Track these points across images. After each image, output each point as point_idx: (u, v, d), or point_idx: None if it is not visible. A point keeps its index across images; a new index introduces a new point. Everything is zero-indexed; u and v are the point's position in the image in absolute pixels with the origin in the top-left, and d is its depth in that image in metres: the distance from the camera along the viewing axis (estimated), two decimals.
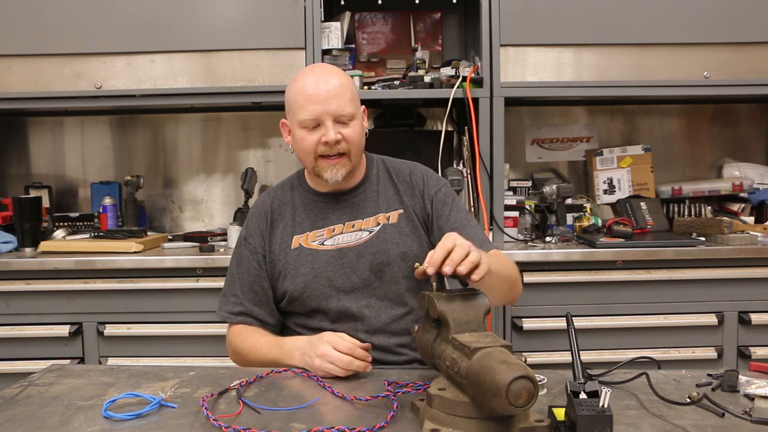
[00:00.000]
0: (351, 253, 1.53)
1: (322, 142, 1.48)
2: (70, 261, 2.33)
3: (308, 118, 1.48)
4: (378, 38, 2.88)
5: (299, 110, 1.49)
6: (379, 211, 1.57)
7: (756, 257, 2.32)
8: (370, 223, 1.56)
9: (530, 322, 2.30)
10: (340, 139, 1.48)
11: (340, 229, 1.56)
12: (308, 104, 1.47)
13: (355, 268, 1.53)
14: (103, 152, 3.01)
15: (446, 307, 1.10)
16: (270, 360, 1.46)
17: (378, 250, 1.53)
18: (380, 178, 1.62)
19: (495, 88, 2.49)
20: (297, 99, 1.49)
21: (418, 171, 1.64)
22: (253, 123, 2.98)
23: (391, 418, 1.07)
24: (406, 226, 1.57)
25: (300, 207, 1.59)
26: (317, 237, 1.56)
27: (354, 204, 1.58)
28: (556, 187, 2.59)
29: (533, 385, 0.91)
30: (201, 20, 2.50)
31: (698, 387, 1.22)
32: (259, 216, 1.61)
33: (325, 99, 1.47)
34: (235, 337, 1.57)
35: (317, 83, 1.48)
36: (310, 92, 1.47)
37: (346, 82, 1.51)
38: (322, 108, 1.47)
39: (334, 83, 1.48)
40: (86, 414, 1.13)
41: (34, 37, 2.50)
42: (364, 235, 1.55)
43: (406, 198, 1.59)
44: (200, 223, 3.02)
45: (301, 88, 1.49)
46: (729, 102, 2.96)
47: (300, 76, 1.53)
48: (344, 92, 1.49)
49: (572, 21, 2.49)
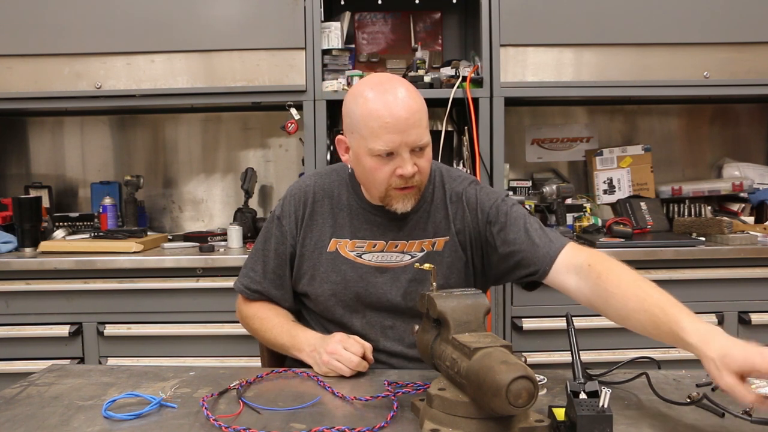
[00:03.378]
0: (388, 273, 1.45)
1: (398, 174, 1.35)
2: (70, 261, 2.33)
3: (383, 149, 1.32)
4: (378, 38, 2.88)
5: (372, 138, 1.32)
6: (427, 236, 1.46)
7: (756, 257, 2.32)
8: (414, 246, 1.46)
9: (530, 322, 2.30)
10: (416, 171, 1.35)
11: (381, 246, 1.46)
12: (384, 133, 1.31)
13: (387, 291, 1.45)
14: (103, 152, 3.01)
15: (446, 307, 1.10)
16: (278, 344, 1.46)
17: (415, 278, 1.44)
18: (435, 198, 1.49)
19: (495, 88, 2.49)
20: (369, 124, 1.32)
21: (471, 192, 1.48)
22: (253, 123, 2.98)
23: (391, 418, 1.07)
24: (449, 256, 1.46)
25: (346, 209, 1.48)
26: (356, 248, 1.46)
27: (404, 224, 1.46)
28: (556, 187, 2.59)
29: (533, 385, 0.91)
30: (201, 20, 2.50)
31: (698, 387, 1.22)
32: (298, 200, 1.51)
33: (404, 129, 1.31)
34: (250, 307, 1.54)
35: (395, 109, 1.31)
36: (387, 120, 1.31)
37: (422, 106, 1.37)
38: (401, 139, 1.32)
39: (412, 108, 1.33)
40: (86, 414, 1.13)
41: (34, 37, 2.50)
42: (406, 259, 1.45)
43: (455, 223, 1.47)
44: (200, 223, 3.02)
45: (376, 112, 1.32)
46: (729, 102, 2.96)
47: (371, 94, 1.34)
48: (422, 118, 1.35)
49: (572, 21, 2.48)
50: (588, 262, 1.30)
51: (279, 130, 2.57)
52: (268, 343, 1.50)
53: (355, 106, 1.36)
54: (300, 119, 2.52)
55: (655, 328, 1.14)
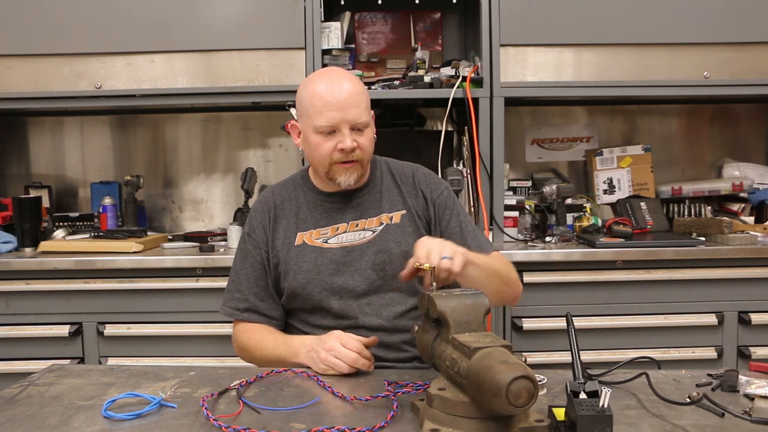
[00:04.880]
0: (354, 251, 1.55)
1: (338, 149, 1.49)
2: (70, 261, 2.33)
3: (325, 125, 1.48)
4: (378, 38, 2.88)
5: (315, 116, 1.49)
6: (383, 212, 1.60)
7: (756, 257, 2.32)
8: (373, 223, 1.58)
9: (530, 322, 2.30)
10: (356, 147, 1.50)
11: (344, 228, 1.58)
12: (326, 111, 1.48)
13: (357, 267, 1.54)
14: (103, 152, 3.01)
15: (446, 307, 1.10)
16: (276, 357, 1.47)
17: (380, 249, 1.55)
18: (384, 180, 1.64)
19: (495, 88, 2.49)
20: (313, 104, 1.49)
21: (421, 173, 1.66)
22: (253, 123, 2.98)
23: (391, 418, 1.08)
24: (408, 226, 1.59)
25: (304, 205, 1.61)
26: (321, 235, 1.57)
27: (358, 204, 1.60)
28: (556, 187, 2.59)
29: (533, 385, 0.91)
30: (201, 20, 2.50)
31: (698, 387, 1.22)
32: (262, 212, 1.63)
33: (343, 107, 1.47)
34: (242, 333, 1.58)
35: (335, 90, 1.48)
36: (327, 99, 1.48)
37: (362, 90, 1.53)
38: (340, 116, 1.47)
39: (351, 91, 1.49)
40: (86, 414, 1.13)
41: (34, 37, 2.50)
42: (368, 235, 1.57)
43: (409, 199, 1.62)
44: (200, 223, 3.02)
45: (319, 93, 1.49)
46: (729, 102, 2.96)
47: (315, 80, 1.53)
48: (361, 100, 1.51)
49: (572, 21, 2.48)
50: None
51: (279, 130, 2.57)
52: (268, 361, 1.50)
53: (304, 91, 1.53)
54: None
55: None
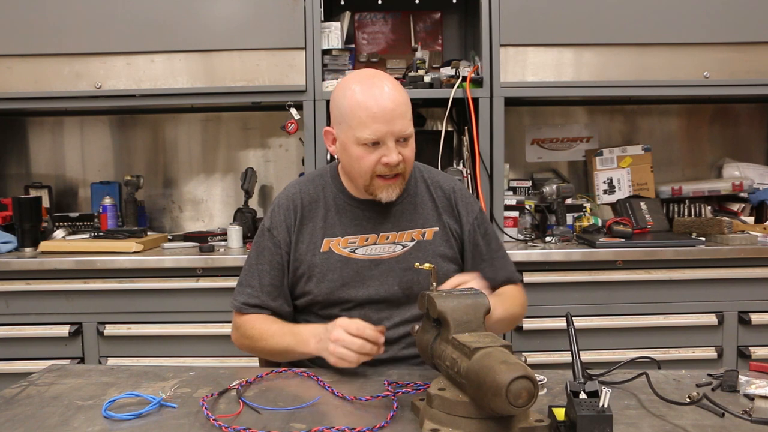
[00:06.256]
0: (382, 264, 1.49)
1: (383, 162, 1.42)
2: (70, 261, 2.33)
3: (370, 138, 1.40)
4: (378, 38, 2.88)
5: (359, 127, 1.40)
6: (416, 226, 1.52)
7: (756, 257, 2.32)
8: (405, 237, 1.51)
9: (530, 322, 2.30)
10: (401, 160, 1.42)
11: (373, 239, 1.50)
12: (371, 123, 1.39)
13: (384, 281, 1.49)
14: (103, 152, 3.01)
15: (446, 307, 1.10)
16: (282, 348, 1.44)
17: (409, 266, 1.48)
18: (419, 191, 1.56)
19: (495, 88, 2.49)
20: (356, 114, 1.40)
21: (459, 191, 1.59)
22: (253, 123, 2.98)
23: (391, 418, 1.08)
24: (441, 245, 1.53)
25: (333, 208, 1.53)
26: (349, 244, 1.50)
27: (391, 216, 1.52)
28: (556, 187, 2.59)
29: (533, 385, 0.91)
30: (201, 20, 2.50)
31: (698, 387, 1.23)
32: (287, 209, 1.54)
33: (389, 118, 1.39)
34: (245, 322, 1.52)
35: (380, 99, 1.39)
36: (373, 110, 1.39)
37: (407, 98, 1.44)
38: (386, 128, 1.39)
39: (398, 100, 1.41)
40: (86, 414, 1.13)
41: (34, 37, 2.50)
42: (398, 249, 1.50)
43: (444, 215, 1.55)
44: (200, 223, 3.02)
45: (362, 103, 1.40)
46: (729, 102, 2.96)
47: (357, 87, 1.43)
48: (407, 110, 1.43)
49: (572, 21, 2.48)
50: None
51: (279, 130, 2.57)
52: (272, 352, 1.47)
53: (343, 99, 1.44)
54: (300, 119, 2.52)
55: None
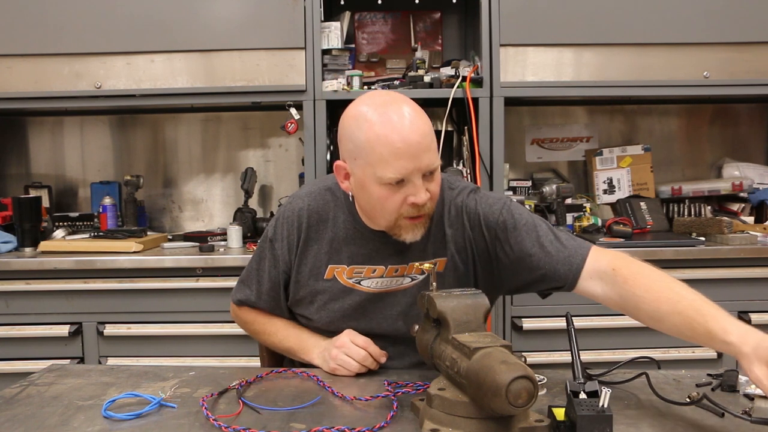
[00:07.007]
0: (388, 297, 1.40)
1: (410, 203, 1.25)
2: (69, 261, 2.33)
3: (395, 177, 1.22)
4: (378, 38, 2.88)
5: (381, 165, 1.22)
6: (426, 257, 1.38)
7: (756, 257, 2.32)
8: (414, 269, 1.38)
9: (530, 322, 2.30)
10: (429, 198, 1.27)
11: (381, 272, 1.39)
12: (395, 160, 1.21)
13: (387, 314, 1.40)
14: (103, 152, 3.01)
15: (446, 307, 1.10)
16: (283, 347, 1.46)
17: (415, 301, 1.35)
18: (434, 217, 1.37)
19: (495, 88, 2.49)
20: (377, 150, 1.22)
21: (471, 202, 1.40)
22: (253, 123, 2.98)
23: (391, 418, 1.07)
24: (450, 276, 1.39)
25: (342, 233, 1.40)
26: (355, 274, 1.40)
27: (403, 248, 1.37)
28: (556, 187, 2.60)
29: (533, 385, 0.91)
30: (201, 20, 2.50)
31: (698, 387, 1.22)
32: (291, 224, 1.43)
33: (415, 153, 1.21)
34: (247, 313, 1.52)
35: (404, 133, 1.21)
36: (397, 145, 1.20)
37: (431, 126, 1.27)
38: (413, 165, 1.22)
39: (423, 130, 1.23)
40: (86, 414, 1.13)
41: (34, 37, 2.50)
42: (405, 282, 1.39)
43: (455, 242, 1.39)
44: (200, 223, 3.02)
45: (384, 137, 1.21)
46: (729, 102, 2.96)
47: (374, 117, 1.23)
48: (432, 141, 1.25)
49: (572, 21, 2.48)
50: (612, 266, 1.26)
51: (279, 130, 2.57)
52: (272, 345, 1.49)
53: (359, 131, 1.24)
54: (300, 119, 2.52)
55: (690, 330, 1.14)
